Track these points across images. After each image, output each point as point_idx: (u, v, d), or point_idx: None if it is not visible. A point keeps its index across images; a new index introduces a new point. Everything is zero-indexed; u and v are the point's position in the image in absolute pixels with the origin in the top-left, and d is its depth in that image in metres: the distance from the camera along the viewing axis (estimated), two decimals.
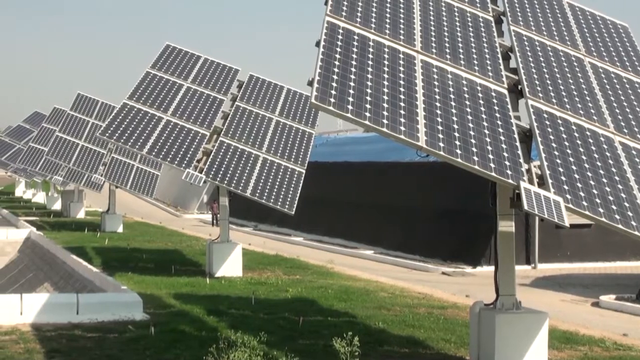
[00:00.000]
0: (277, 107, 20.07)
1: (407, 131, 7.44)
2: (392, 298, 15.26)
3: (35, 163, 39.58)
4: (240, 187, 17.39)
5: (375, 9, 9.13)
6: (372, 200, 28.77)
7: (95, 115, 33.85)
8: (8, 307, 12.63)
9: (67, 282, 18.19)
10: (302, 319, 12.43)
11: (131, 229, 31.31)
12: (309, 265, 20.47)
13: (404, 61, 8.43)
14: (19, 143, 51.78)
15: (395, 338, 11.44)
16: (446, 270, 22.02)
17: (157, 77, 19.41)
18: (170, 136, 17.87)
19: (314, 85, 7.35)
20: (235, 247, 18.46)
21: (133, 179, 30.38)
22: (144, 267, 19.13)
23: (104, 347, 10.71)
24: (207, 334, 11.35)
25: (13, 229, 28.64)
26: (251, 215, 34.93)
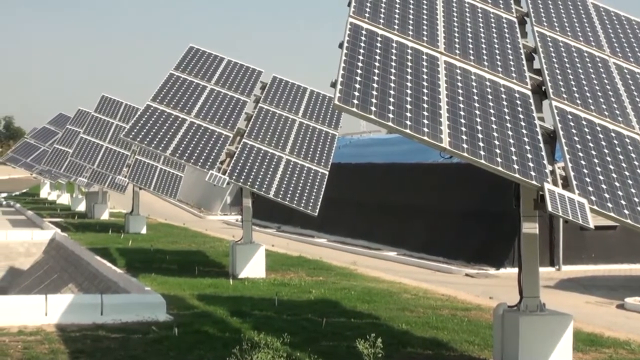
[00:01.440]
0: (300, 108, 20.08)
1: (431, 132, 7.43)
2: (416, 299, 15.23)
3: (59, 165, 39.79)
4: (263, 188, 17.41)
5: (398, 10, 9.12)
6: (395, 202, 28.71)
7: (119, 117, 34.01)
8: (33, 307, 12.71)
9: (91, 283, 18.28)
10: (325, 320, 12.43)
11: (155, 230, 31.41)
12: (332, 266, 20.46)
13: (427, 62, 8.42)
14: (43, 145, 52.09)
15: (418, 340, 11.42)
16: (470, 272, 21.95)
17: (180, 78, 19.47)
18: (194, 138, 17.91)
19: (337, 87, 7.35)
20: (259, 248, 18.48)
21: (157, 181, 30.48)
22: (167, 268, 19.19)
23: (128, 348, 10.75)
24: (230, 335, 11.37)
25: (38, 230, 28.83)
26: (274, 217, 34.95)
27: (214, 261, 21.26)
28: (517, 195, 9.01)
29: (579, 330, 11.77)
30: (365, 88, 7.53)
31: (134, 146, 29.89)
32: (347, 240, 30.00)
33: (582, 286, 19.27)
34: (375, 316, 13.25)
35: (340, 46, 8.01)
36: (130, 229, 30.11)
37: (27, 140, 56.98)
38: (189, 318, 12.85)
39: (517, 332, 8.84)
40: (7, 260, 26.57)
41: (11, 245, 26.91)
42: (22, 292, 22.07)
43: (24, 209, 42.39)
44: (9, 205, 49.29)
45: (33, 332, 11.69)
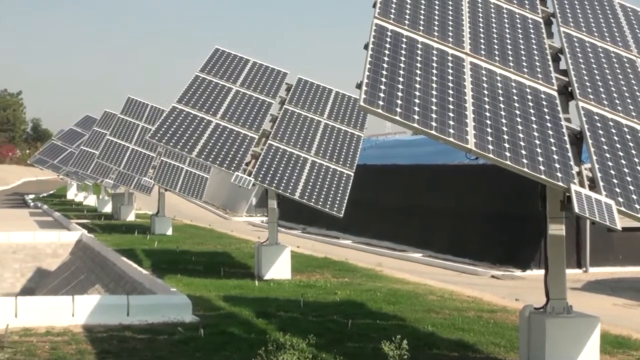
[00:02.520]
0: (326, 110, 20.09)
1: (456, 134, 7.41)
2: (441, 301, 15.19)
3: (86, 166, 40.00)
4: (288, 189, 17.43)
5: (423, 11, 9.10)
6: (420, 203, 28.66)
7: (145, 119, 34.15)
8: (60, 308, 12.79)
9: (117, 284, 18.37)
10: (350, 321, 12.43)
11: (180, 231, 31.50)
12: (358, 268, 20.45)
13: (452, 63, 8.40)
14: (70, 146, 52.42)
15: (444, 341, 11.39)
16: (495, 274, 21.87)
17: (206, 80, 19.53)
18: (220, 139, 17.95)
19: (363, 88, 7.34)
20: (284, 249, 18.50)
21: (182, 182, 30.57)
22: (193, 270, 19.24)
23: (154, 349, 10.80)
24: (256, 336, 11.39)
25: (65, 232, 29.00)
26: (300, 218, 34.98)
27: (240, 262, 21.30)
28: (544, 196, 8.97)
29: (606, 332, 11.70)
30: (391, 89, 7.52)
31: (160, 148, 30.01)
32: (372, 241, 29.97)
33: (609, 288, 19.15)
34: (401, 318, 13.23)
35: (365, 47, 8.01)
36: (156, 230, 30.21)
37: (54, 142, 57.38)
38: (214, 319, 12.88)
39: (543, 335, 8.80)
40: (34, 261, 26.75)
41: (39, 246, 27.09)
42: (50, 293, 22.22)
43: (51, 210, 42.65)
44: (36, 206, 49.61)
45: (60, 333, 11.77)
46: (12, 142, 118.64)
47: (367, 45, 8.02)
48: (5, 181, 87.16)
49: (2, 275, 26.27)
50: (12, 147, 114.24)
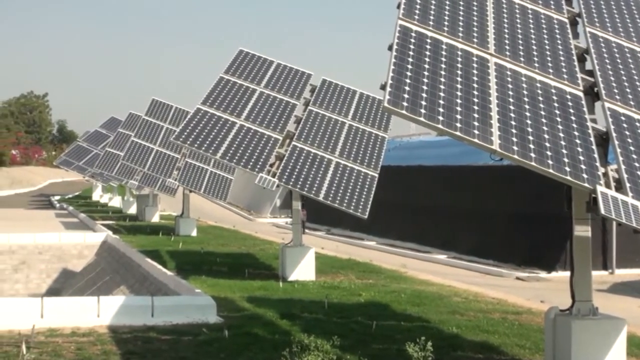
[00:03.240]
0: (350, 111, 20.07)
1: (481, 134, 7.38)
2: (466, 303, 15.14)
3: (111, 168, 40.17)
4: (313, 191, 17.41)
5: (448, 12, 9.07)
6: (445, 204, 28.60)
7: (169, 121, 34.25)
8: (86, 309, 12.85)
9: (142, 285, 18.43)
10: (375, 323, 12.41)
11: (205, 232, 31.58)
12: (382, 269, 20.42)
13: (477, 64, 8.36)
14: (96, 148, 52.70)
15: (469, 343, 11.35)
16: (520, 275, 21.79)
17: (230, 82, 19.56)
18: (244, 141, 17.96)
19: (387, 89, 7.32)
20: (308, 251, 18.50)
21: (207, 183, 30.63)
22: (217, 271, 19.28)
23: (178, 350, 10.82)
24: (280, 338, 11.39)
25: (90, 233, 29.16)
26: (324, 220, 34.99)
27: (264, 264, 21.32)
28: (569, 197, 8.91)
29: (633, 334, 11.62)
30: (415, 90, 7.50)
31: (184, 149, 30.10)
32: (396, 243, 29.95)
33: (635, 290, 19.03)
34: (425, 319, 13.19)
35: (389, 48, 7.99)
36: (180, 231, 30.30)
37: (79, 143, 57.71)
38: (239, 320, 12.89)
39: (569, 337, 8.74)
40: (60, 262, 26.90)
41: (64, 247, 27.24)
42: (75, 294, 22.34)
43: (76, 212, 42.89)
44: (62, 207, 49.92)
45: (86, 333, 11.82)
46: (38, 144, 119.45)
47: (391, 46, 8.00)
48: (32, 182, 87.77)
49: (29, 276, 26.44)
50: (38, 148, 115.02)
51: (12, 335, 11.54)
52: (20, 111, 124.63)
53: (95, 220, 35.77)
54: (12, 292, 25.78)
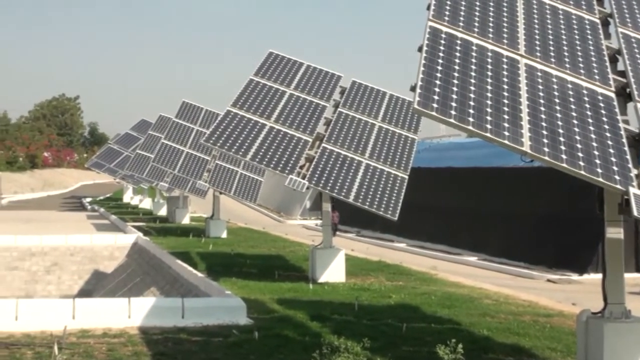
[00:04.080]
0: (380, 112, 20.04)
1: (511, 136, 7.34)
2: (497, 305, 15.07)
3: (142, 170, 40.36)
4: (343, 193, 17.40)
5: (478, 13, 9.03)
6: (475, 206, 28.49)
7: (199, 123, 34.35)
8: (117, 310, 12.93)
9: (172, 286, 18.51)
10: (405, 325, 12.38)
11: (235, 234, 31.65)
12: (412, 271, 20.37)
13: (507, 65, 8.33)
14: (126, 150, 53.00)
15: (499, 346, 11.29)
16: (552, 278, 21.66)
17: (260, 84, 19.58)
18: (274, 143, 17.97)
19: (417, 91, 7.30)
20: (338, 252, 18.49)
21: (237, 185, 30.69)
22: (247, 272, 19.31)
23: (208, 351, 10.86)
24: (310, 339, 11.39)
25: (121, 234, 29.33)
26: (354, 221, 34.95)
27: (294, 265, 21.34)
28: (601, 199, 8.84)
29: None
30: (445, 92, 7.47)
31: (214, 151, 30.17)
32: (426, 245, 29.86)
33: None
34: (456, 321, 13.15)
35: (419, 50, 7.97)
36: (210, 233, 30.39)
37: (110, 146, 58.06)
38: (269, 322, 12.91)
39: (601, 340, 8.67)
40: (92, 264, 27.07)
41: (96, 248, 27.42)
42: (106, 295, 22.46)
43: (107, 213, 43.15)
44: (93, 209, 50.24)
45: (117, 334, 11.88)
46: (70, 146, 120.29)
47: (421, 47, 7.98)
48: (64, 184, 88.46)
49: (61, 277, 26.64)
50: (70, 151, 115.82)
51: (45, 336, 11.63)
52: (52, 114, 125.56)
53: (126, 222, 35.97)
54: (44, 293, 25.99)
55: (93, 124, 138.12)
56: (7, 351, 10.81)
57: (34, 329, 12.09)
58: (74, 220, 40.18)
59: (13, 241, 26.99)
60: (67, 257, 27.02)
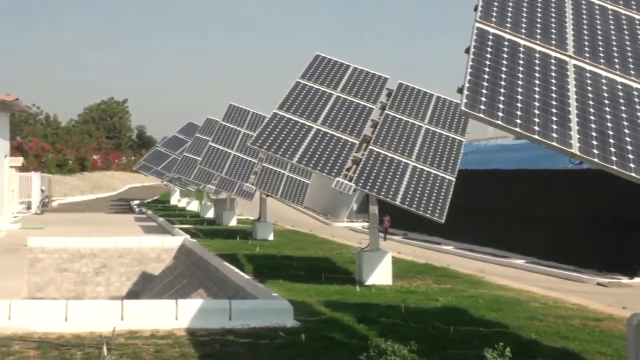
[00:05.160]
0: (427, 115, 19.97)
1: (560, 138, 7.28)
2: (545, 309, 14.95)
3: (189, 172, 40.61)
4: (390, 195, 17.36)
5: (526, 14, 8.97)
6: (523, 209, 28.29)
7: (246, 126, 34.48)
8: (165, 312, 13.01)
9: (220, 288, 18.58)
10: (452, 328, 12.32)
11: (282, 237, 31.72)
12: (460, 274, 20.28)
13: (556, 67, 8.26)
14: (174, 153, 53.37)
15: (548, 350, 11.20)
16: (602, 281, 21.43)
17: (307, 87, 19.61)
18: (321, 145, 17.98)
19: (464, 93, 7.27)
20: (386, 255, 18.45)
21: (284, 188, 30.75)
22: (294, 275, 19.33)
23: (256, 353, 10.88)
24: (357, 342, 11.38)
25: (169, 237, 29.53)
26: (401, 224, 34.89)
27: (341, 268, 21.33)
28: None
29: None
30: (493, 94, 7.43)
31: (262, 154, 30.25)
32: (474, 247, 29.72)
33: None
34: (504, 325, 13.06)
35: (467, 52, 7.93)
36: (257, 235, 30.48)
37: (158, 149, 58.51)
38: (316, 324, 12.91)
39: None
40: (140, 266, 27.29)
41: (144, 251, 27.63)
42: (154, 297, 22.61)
43: (155, 216, 43.48)
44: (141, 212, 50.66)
45: (164, 336, 11.96)
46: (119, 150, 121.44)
47: (468, 49, 7.95)
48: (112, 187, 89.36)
49: (109, 279, 26.88)
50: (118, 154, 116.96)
51: (94, 337, 11.75)
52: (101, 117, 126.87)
53: (173, 224, 36.22)
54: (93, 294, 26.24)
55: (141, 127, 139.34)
56: (57, 352, 10.93)
57: (84, 330, 12.21)
58: (123, 222, 40.55)
59: (63, 243, 27.29)
60: (116, 259, 27.27)
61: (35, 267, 26.58)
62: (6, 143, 38.15)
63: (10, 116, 39.12)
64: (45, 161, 79.47)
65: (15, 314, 12.87)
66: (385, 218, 33.81)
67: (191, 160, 40.82)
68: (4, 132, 37.22)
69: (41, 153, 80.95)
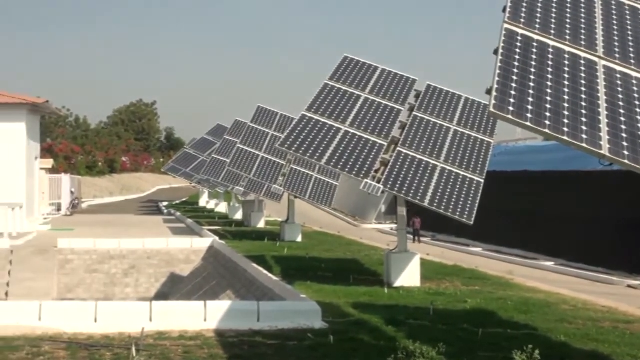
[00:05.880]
0: (455, 116, 19.91)
1: (589, 139, 7.23)
2: (575, 311, 14.86)
3: (217, 174, 40.73)
4: (418, 196, 17.31)
5: (554, 14, 8.93)
6: (552, 210, 28.15)
7: (274, 127, 34.52)
8: (193, 313, 13.06)
9: (248, 290, 18.62)
10: (481, 330, 12.28)
11: (310, 238, 31.74)
12: (488, 276, 20.20)
13: (585, 67, 8.21)
14: (202, 155, 53.54)
15: (578, 352, 11.13)
16: (632, 283, 21.28)
17: (335, 88, 19.60)
18: (349, 147, 17.96)
19: (492, 94, 7.24)
20: (414, 257, 18.42)
21: (312, 189, 30.77)
22: (322, 276, 19.34)
23: (284, 355, 10.90)
24: (385, 344, 11.37)
25: (197, 238, 29.63)
26: (429, 226, 34.82)
27: (369, 269, 21.31)
28: None
29: None
30: (521, 95, 7.40)
31: (290, 155, 30.29)
32: (502, 249, 29.60)
33: None
34: (533, 327, 12.99)
35: (495, 52, 7.91)
36: (285, 237, 30.52)
37: (186, 150, 58.73)
38: (344, 326, 12.91)
39: None
40: (168, 267, 27.40)
41: (172, 252, 27.74)
42: (183, 298, 22.69)
43: (184, 217, 43.63)
44: (169, 213, 50.84)
45: (193, 337, 12.00)
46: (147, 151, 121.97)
47: (496, 50, 7.92)
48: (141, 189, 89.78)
49: (138, 280, 27.01)
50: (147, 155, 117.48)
51: (123, 338, 11.81)
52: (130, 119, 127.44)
53: (201, 225, 36.34)
54: (122, 295, 26.37)
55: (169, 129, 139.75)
56: (86, 352, 11.01)
57: (113, 330, 12.28)
58: (151, 224, 40.73)
59: (92, 245, 27.47)
60: (145, 261, 27.40)
61: (64, 268, 26.75)
62: (37, 145, 38.46)
63: (40, 118, 39.44)
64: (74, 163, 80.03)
65: (45, 314, 12.97)
66: (416, 219, 33.74)
67: (219, 162, 40.94)
68: (35, 134, 37.52)
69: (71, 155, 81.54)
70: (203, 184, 54.09)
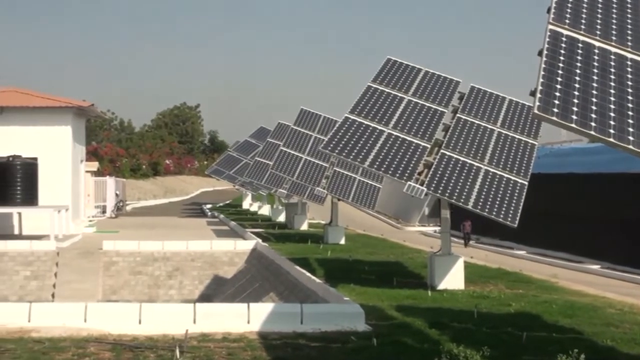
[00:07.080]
0: (499, 118, 19.79)
1: (636, 141, 7.15)
2: (621, 315, 14.70)
3: (260, 176, 40.83)
4: (462, 199, 17.22)
5: (600, 15, 8.84)
6: (597, 213, 27.86)
7: (317, 130, 34.54)
8: (237, 315, 13.11)
9: (291, 292, 18.65)
10: (525, 334, 12.19)
11: (353, 240, 31.71)
12: (532, 279, 20.05)
13: (631, 68, 8.12)
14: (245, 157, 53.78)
15: (624, 357, 11.01)
16: None
17: (378, 90, 19.57)
18: (392, 149, 17.92)
19: (537, 95, 7.19)
20: (457, 260, 18.33)
21: (355, 192, 30.75)
22: (366, 279, 19.31)
23: (327, 357, 10.90)
24: (429, 347, 11.32)
25: (241, 240, 29.75)
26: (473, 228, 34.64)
27: (412, 272, 21.25)
28: None
29: None
30: (566, 96, 7.34)
31: (333, 158, 30.29)
32: (547, 252, 29.37)
33: None
34: (578, 331, 12.87)
35: (539, 54, 7.85)
36: (329, 239, 30.51)
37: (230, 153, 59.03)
38: (387, 328, 12.89)
39: None
40: (212, 269, 27.53)
41: (216, 254, 27.88)
42: (226, 300, 22.79)
43: (227, 220, 43.83)
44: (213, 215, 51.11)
45: (236, 339, 12.04)
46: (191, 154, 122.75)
47: (541, 51, 7.86)
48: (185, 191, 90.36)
49: (182, 282, 27.17)
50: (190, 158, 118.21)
51: (167, 340, 11.88)
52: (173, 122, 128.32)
53: (245, 228, 36.45)
54: (166, 297, 26.55)
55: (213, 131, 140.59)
56: (131, 353, 11.09)
57: (157, 332, 12.36)
58: (195, 226, 40.96)
59: (137, 247, 27.69)
60: (188, 263, 27.57)
61: (109, 270, 27.00)
62: (82, 148, 38.86)
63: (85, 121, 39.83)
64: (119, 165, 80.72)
65: (90, 316, 13.10)
66: (467, 223, 33.59)
67: (262, 165, 41.05)
68: (80, 137, 37.91)
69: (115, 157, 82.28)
70: (246, 186, 54.29)
